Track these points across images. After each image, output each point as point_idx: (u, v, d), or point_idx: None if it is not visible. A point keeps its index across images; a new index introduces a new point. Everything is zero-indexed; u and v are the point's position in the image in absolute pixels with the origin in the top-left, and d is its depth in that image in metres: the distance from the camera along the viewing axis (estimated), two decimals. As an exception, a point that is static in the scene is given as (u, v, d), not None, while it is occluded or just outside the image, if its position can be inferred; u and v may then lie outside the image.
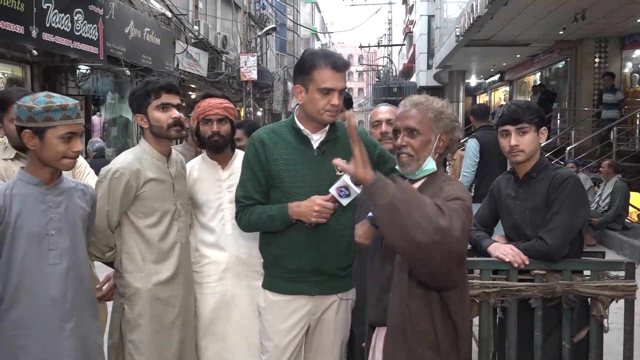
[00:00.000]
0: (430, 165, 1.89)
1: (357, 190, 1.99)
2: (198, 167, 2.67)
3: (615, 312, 2.35)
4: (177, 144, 3.29)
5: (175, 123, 2.41)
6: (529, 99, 14.45)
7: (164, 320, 2.41)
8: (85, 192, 2.20)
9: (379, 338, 1.96)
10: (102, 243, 2.36)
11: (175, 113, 2.42)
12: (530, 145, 2.33)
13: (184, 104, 2.74)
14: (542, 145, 2.43)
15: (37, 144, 1.97)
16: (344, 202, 2.03)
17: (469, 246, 2.37)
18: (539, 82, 16.86)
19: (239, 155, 2.68)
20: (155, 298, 2.38)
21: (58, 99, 1.99)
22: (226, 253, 2.59)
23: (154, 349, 2.38)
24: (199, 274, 2.60)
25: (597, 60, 13.73)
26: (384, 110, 2.90)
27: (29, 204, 1.98)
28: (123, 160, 2.38)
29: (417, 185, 1.93)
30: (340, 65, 2.14)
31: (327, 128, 2.24)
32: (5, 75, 8.29)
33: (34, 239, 1.97)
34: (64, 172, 2.12)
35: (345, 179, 2.00)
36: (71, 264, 2.04)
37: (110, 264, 2.48)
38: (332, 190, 2.02)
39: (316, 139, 2.23)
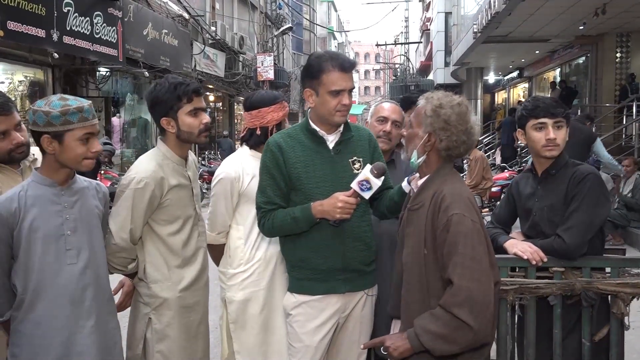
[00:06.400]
0: (413, 158, 1.97)
1: (377, 182, 2.05)
2: (252, 163, 2.57)
3: (638, 310, 2.32)
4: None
5: (206, 128, 2.32)
6: (549, 96, 14.26)
7: (190, 328, 2.38)
8: (98, 190, 2.18)
9: (395, 330, 2.03)
10: (124, 256, 2.28)
11: (206, 118, 2.33)
12: (564, 141, 2.30)
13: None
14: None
15: (57, 148, 1.96)
16: (366, 195, 2.07)
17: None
18: (559, 79, 16.66)
19: None
20: (182, 306, 2.33)
21: (73, 102, 1.97)
22: (277, 248, 2.52)
23: (183, 358, 2.35)
24: (247, 274, 2.52)
25: (618, 55, 13.52)
26: (391, 109, 2.81)
27: (44, 205, 1.98)
28: (146, 169, 2.26)
29: (421, 181, 1.98)
30: (347, 66, 2.19)
31: (341, 128, 2.29)
32: (28, 78, 8.47)
33: (51, 239, 1.97)
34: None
35: (366, 172, 2.05)
36: (89, 262, 2.04)
37: (128, 275, 2.40)
38: (354, 184, 2.06)
39: (331, 140, 2.28)
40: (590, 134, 6.80)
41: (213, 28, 15.34)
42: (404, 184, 2.19)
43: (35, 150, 2.46)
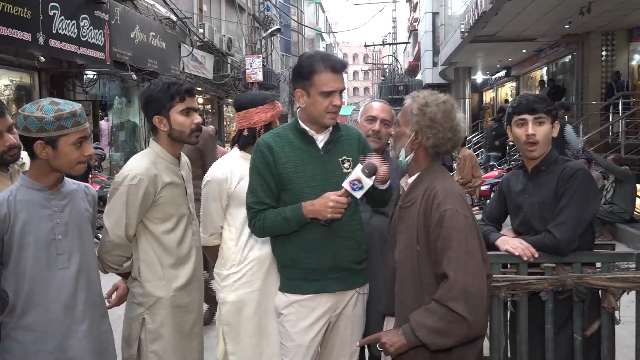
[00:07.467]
0: (401, 157, 2.00)
1: (369, 181, 2.05)
2: (241, 165, 2.55)
3: (628, 305, 2.34)
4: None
5: (198, 128, 2.34)
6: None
7: (184, 328, 2.38)
8: (87, 192, 2.17)
9: (388, 327, 2.04)
10: (119, 254, 2.28)
11: (198, 118, 2.36)
12: (546, 137, 2.33)
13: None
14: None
15: (50, 153, 1.93)
16: (358, 194, 2.08)
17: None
18: (546, 78, 16.80)
19: None
20: (176, 305, 2.34)
21: (65, 106, 1.95)
22: (269, 249, 2.49)
23: (178, 359, 2.34)
24: (239, 275, 2.51)
25: (604, 53, 13.66)
26: (380, 108, 2.80)
27: (34, 210, 1.95)
28: (139, 166, 2.28)
29: (411, 179, 2.00)
30: (339, 67, 2.20)
31: (330, 128, 2.29)
32: (14, 82, 8.37)
33: (42, 244, 1.95)
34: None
35: (357, 172, 2.06)
36: (80, 266, 2.03)
37: (122, 274, 2.39)
38: (345, 184, 2.07)
39: (321, 139, 2.28)
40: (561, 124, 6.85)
41: (201, 30, 15.26)
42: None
43: (23, 155, 2.44)
